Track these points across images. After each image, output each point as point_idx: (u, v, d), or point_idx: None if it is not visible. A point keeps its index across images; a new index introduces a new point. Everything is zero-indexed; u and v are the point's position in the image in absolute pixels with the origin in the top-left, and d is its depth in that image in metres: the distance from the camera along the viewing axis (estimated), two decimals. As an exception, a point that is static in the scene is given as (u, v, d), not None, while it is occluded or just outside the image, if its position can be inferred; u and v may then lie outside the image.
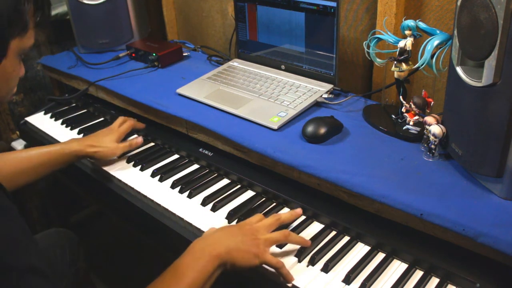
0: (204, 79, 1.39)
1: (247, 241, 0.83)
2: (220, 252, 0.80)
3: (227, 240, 0.83)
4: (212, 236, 0.85)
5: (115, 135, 1.22)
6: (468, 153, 0.87)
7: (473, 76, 0.83)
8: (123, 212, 1.25)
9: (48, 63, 1.64)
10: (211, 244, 0.82)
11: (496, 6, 0.74)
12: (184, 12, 1.84)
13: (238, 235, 0.84)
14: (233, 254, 0.81)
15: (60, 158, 1.14)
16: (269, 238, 0.86)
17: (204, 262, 0.78)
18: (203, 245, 0.82)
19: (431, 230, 0.85)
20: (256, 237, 0.85)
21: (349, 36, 1.35)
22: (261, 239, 0.85)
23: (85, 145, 1.17)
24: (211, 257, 0.79)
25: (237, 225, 0.90)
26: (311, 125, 1.07)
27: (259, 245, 0.84)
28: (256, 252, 0.83)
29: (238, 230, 0.86)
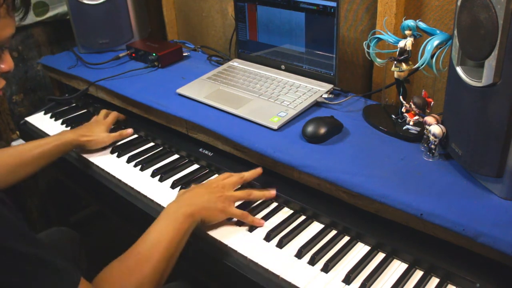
0: (204, 79, 1.39)
1: (213, 199, 0.94)
2: (192, 212, 0.90)
3: (197, 200, 0.93)
4: (183, 198, 0.95)
5: (104, 125, 1.31)
6: (468, 153, 0.87)
7: (473, 76, 0.83)
8: (123, 212, 1.25)
9: (48, 63, 1.64)
10: (183, 205, 0.92)
11: (496, 6, 0.74)
12: (184, 12, 1.84)
13: (205, 194, 0.95)
14: (202, 212, 0.92)
15: (56, 149, 1.19)
16: (233, 194, 0.98)
17: (180, 221, 0.88)
18: (177, 206, 0.91)
19: (431, 230, 0.85)
20: (222, 194, 0.96)
21: (349, 36, 1.35)
22: (227, 195, 0.96)
23: (78, 135, 1.24)
24: (185, 216, 0.89)
25: (204, 185, 0.99)
26: (311, 125, 1.07)
27: (224, 201, 0.95)
28: (222, 208, 0.94)
29: (205, 189, 0.96)
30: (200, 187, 0.98)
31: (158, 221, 0.88)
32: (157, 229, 0.87)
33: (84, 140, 1.24)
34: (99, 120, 1.34)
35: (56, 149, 1.19)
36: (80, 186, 1.42)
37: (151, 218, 1.05)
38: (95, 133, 1.27)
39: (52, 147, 1.18)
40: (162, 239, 0.84)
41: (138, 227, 1.22)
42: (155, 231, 0.86)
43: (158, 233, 0.86)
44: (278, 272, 0.86)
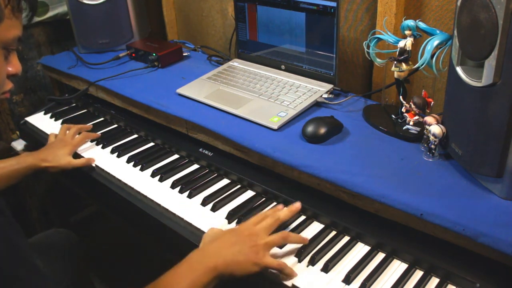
0: (204, 79, 1.39)
1: (245, 250, 0.82)
2: (216, 265, 0.79)
3: (225, 251, 0.82)
4: (210, 247, 0.84)
5: (68, 148, 1.24)
6: (468, 153, 0.87)
7: (473, 76, 0.83)
8: (123, 212, 1.25)
9: (48, 63, 1.64)
10: (208, 256, 0.81)
11: (496, 6, 0.74)
12: (184, 12, 1.84)
13: (236, 244, 0.83)
14: (231, 266, 0.80)
15: (15, 173, 1.16)
16: (268, 242, 0.85)
17: (200, 273, 0.78)
18: (201, 256, 0.82)
19: (431, 230, 0.84)
20: (255, 244, 0.83)
21: (349, 36, 1.35)
22: (260, 245, 0.83)
23: (39, 159, 1.20)
24: (207, 269, 0.79)
25: (235, 232, 0.87)
26: (311, 125, 1.07)
27: (258, 252, 0.82)
28: (256, 260, 0.82)
29: (237, 238, 0.84)
30: (230, 235, 0.86)
31: (176, 268, 0.79)
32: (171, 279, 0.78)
33: (43, 166, 1.20)
34: (65, 141, 1.26)
35: (15, 173, 1.16)
36: (80, 186, 1.42)
37: (151, 218, 1.06)
38: (56, 159, 1.20)
39: (11, 172, 1.15)
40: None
41: (138, 227, 1.23)
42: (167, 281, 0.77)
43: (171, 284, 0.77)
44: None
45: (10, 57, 0.74)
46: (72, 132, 1.30)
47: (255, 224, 0.88)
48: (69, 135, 1.29)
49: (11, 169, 1.15)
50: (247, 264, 0.81)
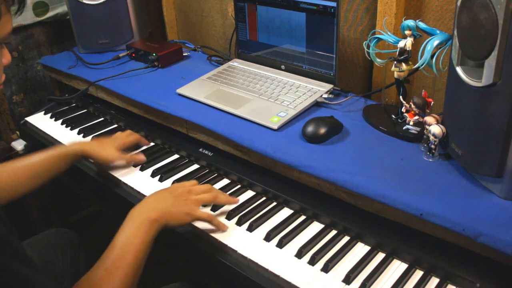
0: (204, 79, 1.39)
1: (177, 203, 0.93)
2: (156, 217, 0.88)
3: (160, 204, 0.92)
4: (146, 202, 0.94)
5: (118, 142, 1.22)
6: (468, 153, 0.87)
7: (473, 76, 0.83)
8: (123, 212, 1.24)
9: (48, 63, 1.64)
10: (147, 210, 0.90)
11: (496, 6, 0.74)
12: (184, 12, 1.84)
13: (169, 198, 0.94)
14: (166, 216, 0.90)
15: (60, 162, 1.13)
16: (199, 198, 0.97)
17: (145, 228, 0.87)
18: (140, 212, 0.90)
19: (431, 230, 0.84)
20: (187, 198, 0.95)
21: (349, 36, 1.35)
22: (191, 199, 0.95)
23: (86, 147, 1.17)
24: (149, 222, 0.87)
25: (170, 189, 0.98)
26: (311, 125, 1.07)
27: (189, 205, 0.94)
28: (187, 211, 0.93)
29: (170, 194, 0.96)
30: (164, 191, 0.97)
31: (123, 229, 0.87)
32: (123, 238, 0.85)
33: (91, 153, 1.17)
34: (117, 136, 1.26)
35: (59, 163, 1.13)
36: (80, 186, 1.42)
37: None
38: (103, 148, 1.18)
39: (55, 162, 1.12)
40: (129, 248, 0.83)
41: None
42: (120, 241, 0.84)
43: (124, 243, 0.84)
44: (278, 272, 0.86)
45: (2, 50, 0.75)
46: (126, 132, 1.29)
47: (188, 184, 1.00)
48: (123, 134, 1.28)
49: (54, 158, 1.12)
50: (180, 214, 0.92)
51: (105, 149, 1.18)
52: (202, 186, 1.01)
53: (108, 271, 0.79)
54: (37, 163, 1.10)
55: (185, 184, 1.00)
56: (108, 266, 0.80)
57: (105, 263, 0.80)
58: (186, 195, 0.96)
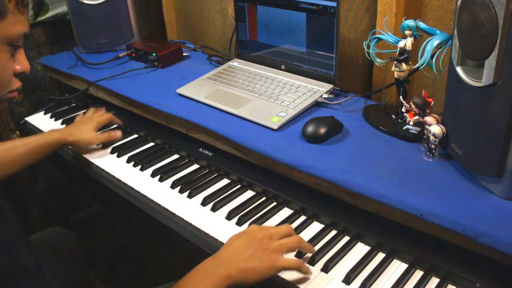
0: (204, 79, 1.39)
1: (258, 254, 0.79)
2: (230, 273, 0.76)
3: (238, 258, 0.79)
4: (223, 254, 0.81)
5: (93, 123, 1.29)
6: (468, 153, 0.87)
7: (473, 76, 0.83)
8: (123, 212, 1.25)
9: (48, 63, 1.64)
10: (221, 263, 0.79)
11: (496, 6, 0.74)
12: (184, 12, 1.84)
13: (249, 249, 0.80)
14: (245, 273, 0.77)
15: (42, 147, 1.19)
16: (282, 244, 0.82)
17: (212, 282, 0.75)
18: (214, 264, 0.79)
19: (431, 230, 0.84)
20: (268, 246, 0.81)
21: (349, 36, 1.35)
22: (274, 247, 0.81)
23: (65, 134, 1.23)
24: (219, 277, 0.76)
25: (248, 236, 0.84)
26: (311, 125, 1.07)
27: (271, 255, 0.80)
28: (271, 264, 0.79)
29: (249, 242, 0.81)
30: (242, 239, 0.83)
31: (188, 276, 0.77)
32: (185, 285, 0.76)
33: (71, 140, 1.23)
34: (90, 117, 1.33)
35: (41, 148, 1.18)
36: (80, 186, 1.42)
37: (151, 218, 1.06)
38: (82, 133, 1.25)
39: (37, 146, 1.18)
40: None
41: (138, 227, 1.23)
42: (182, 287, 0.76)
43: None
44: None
45: (17, 55, 0.72)
46: (98, 112, 1.36)
47: (269, 228, 0.86)
48: (96, 114, 1.35)
49: (37, 144, 1.18)
50: (262, 269, 0.78)
51: (84, 133, 1.25)
52: (283, 227, 0.86)
53: None
54: (21, 146, 1.17)
55: (264, 227, 0.86)
56: None
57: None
58: (268, 242, 0.81)
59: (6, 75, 0.70)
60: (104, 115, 1.35)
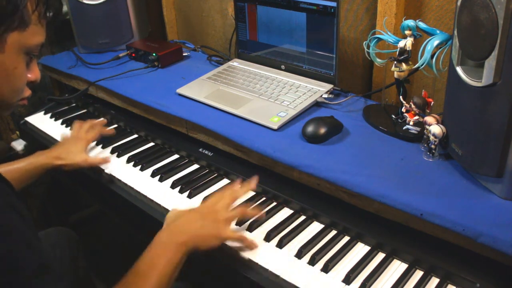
0: (204, 79, 1.39)
1: (207, 225, 0.89)
2: (184, 240, 0.84)
3: (189, 227, 0.88)
4: (175, 225, 0.89)
5: (83, 144, 1.21)
6: (468, 153, 0.87)
7: (473, 76, 0.83)
8: (123, 212, 1.25)
9: (48, 63, 1.64)
10: (175, 233, 0.87)
11: (496, 6, 0.74)
12: (184, 12, 1.84)
13: (198, 219, 0.89)
14: (196, 240, 0.86)
15: (29, 174, 1.12)
16: (228, 217, 0.91)
17: (172, 251, 0.83)
18: (169, 235, 0.87)
19: (431, 230, 0.84)
20: (216, 218, 0.90)
21: (349, 36, 1.35)
22: (221, 220, 0.90)
23: (52, 158, 1.15)
24: (177, 245, 0.83)
25: (197, 210, 0.93)
26: (311, 125, 1.07)
27: (219, 226, 0.89)
28: (217, 234, 0.88)
29: (199, 215, 0.90)
30: (191, 212, 0.92)
31: (149, 251, 0.83)
32: (148, 260, 0.82)
33: (58, 164, 1.15)
34: (79, 137, 1.23)
35: (26, 174, 1.12)
36: (80, 186, 1.42)
37: (151, 218, 1.06)
38: (71, 156, 1.17)
39: (22, 173, 1.11)
40: (153, 271, 0.79)
41: (138, 227, 1.23)
42: (145, 263, 0.81)
43: (148, 265, 0.81)
44: (278, 272, 0.86)
45: (31, 64, 0.74)
46: (85, 128, 1.26)
47: (215, 202, 0.93)
48: (82, 131, 1.25)
49: (22, 170, 1.11)
50: (210, 237, 0.88)
51: (73, 155, 1.17)
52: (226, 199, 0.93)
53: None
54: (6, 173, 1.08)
55: (211, 202, 0.94)
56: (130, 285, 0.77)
57: (127, 283, 0.78)
58: (214, 215, 0.90)
59: (21, 83, 0.73)
60: (92, 132, 1.26)
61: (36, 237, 0.67)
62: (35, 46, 0.70)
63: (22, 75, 0.72)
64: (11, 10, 0.64)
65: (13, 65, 0.69)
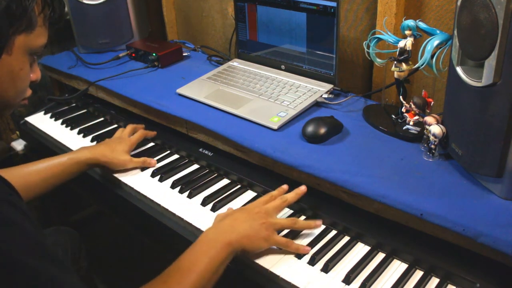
0: (204, 79, 1.39)
1: (255, 226, 0.87)
2: (231, 240, 0.83)
3: (237, 227, 0.86)
4: (223, 224, 0.88)
5: (127, 144, 1.19)
6: (468, 153, 0.87)
7: (473, 76, 0.83)
8: (123, 212, 1.25)
9: (48, 63, 1.64)
10: (222, 232, 0.85)
11: (496, 6, 0.74)
12: (184, 12, 1.84)
13: (247, 220, 0.88)
14: (243, 241, 0.85)
15: (70, 168, 1.10)
16: (277, 223, 0.90)
17: (217, 249, 0.82)
18: (215, 233, 0.86)
19: (431, 230, 0.84)
20: (265, 221, 0.88)
21: (349, 36, 1.35)
22: (269, 222, 0.89)
23: (97, 154, 1.14)
24: (223, 244, 0.82)
25: (246, 210, 0.92)
26: (311, 125, 1.07)
27: (267, 229, 0.88)
28: (265, 236, 0.87)
29: (247, 216, 0.89)
30: (241, 212, 0.91)
31: (193, 247, 0.83)
32: (190, 257, 0.81)
33: (102, 161, 1.14)
34: (123, 138, 1.22)
35: (69, 169, 1.10)
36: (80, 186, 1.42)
37: (151, 218, 1.06)
38: (116, 154, 1.15)
39: (64, 168, 1.09)
40: (195, 267, 0.78)
41: (138, 227, 1.23)
42: (187, 259, 0.80)
43: (191, 262, 0.80)
44: (278, 272, 0.86)
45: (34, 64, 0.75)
46: (128, 131, 1.26)
47: (264, 203, 0.93)
48: (125, 133, 1.25)
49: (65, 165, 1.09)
50: (258, 240, 0.86)
51: (118, 154, 1.16)
52: (276, 202, 0.94)
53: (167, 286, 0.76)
54: (47, 168, 1.08)
55: (260, 201, 0.94)
56: (169, 281, 0.77)
57: (167, 277, 0.77)
58: (264, 217, 0.89)
59: (26, 83, 0.74)
60: (136, 134, 1.25)
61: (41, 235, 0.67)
62: (39, 47, 0.72)
63: (27, 76, 0.73)
64: (20, 13, 0.65)
65: (19, 66, 0.70)
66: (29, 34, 0.68)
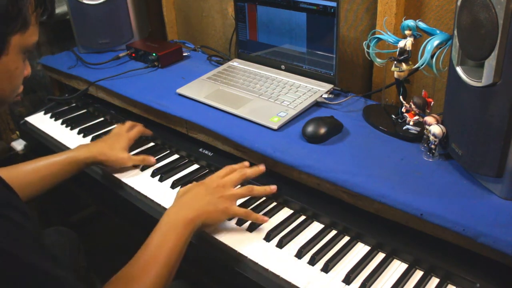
0: (204, 79, 1.39)
1: (214, 200, 0.91)
2: (192, 217, 0.87)
3: (196, 203, 0.90)
4: (182, 201, 0.92)
5: (125, 141, 1.19)
6: (468, 153, 0.87)
7: (473, 76, 0.83)
8: (123, 212, 1.25)
9: (48, 63, 1.64)
10: (183, 209, 0.89)
11: (496, 6, 0.74)
12: (184, 12, 1.84)
13: (205, 195, 0.92)
14: (203, 216, 0.89)
15: (69, 167, 1.10)
16: (235, 193, 0.95)
17: (180, 228, 0.85)
18: (176, 212, 0.89)
19: (431, 230, 0.85)
20: (222, 194, 0.93)
21: (349, 36, 1.35)
22: (227, 195, 0.93)
23: (95, 152, 1.13)
24: (185, 222, 0.86)
25: (204, 184, 0.95)
26: (311, 125, 1.07)
27: (225, 201, 0.92)
28: (223, 209, 0.92)
29: (205, 190, 0.93)
30: (199, 187, 0.95)
31: (159, 227, 0.86)
32: (157, 237, 0.84)
33: (100, 159, 1.13)
34: (121, 134, 1.21)
35: (67, 167, 1.10)
36: (80, 186, 1.42)
37: (152, 218, 1.06)
38: (114, 152, 1.15)
39: (62, 166, 1.09)
40: (163, 248, 0.82)
41: (139, 228, 1.23)
42: (155, 240, 0.84)
43: (159, 241, 0.83)
44: (278, 272, 0.86)
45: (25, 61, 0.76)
46: (126, 127, 1.24)
47: (222, 177, 0.97)
48: (124, 129, 1.23)
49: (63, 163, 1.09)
50: (216, 212, 0.91)
51: (116, 152, 1.15)
52: (234, 175, 0.98)
53: (140, 269, 0.79)
54: (45, 167, 1.08)
55: (218, 175, 0.98)
56: (141, 264, 0.80)
57: (138, 262, 0.81)
58: (221, 190, 0.94)
59: (20, 80, 0.75)
60: (133, 131, 1.24)
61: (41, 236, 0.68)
62: (32, 45, 0.73)
63: (21, 73, 0.74)
64: (16, 13, 0.66)
65: (15, 65, 0.71)
66: (23, 33, 0.69)
